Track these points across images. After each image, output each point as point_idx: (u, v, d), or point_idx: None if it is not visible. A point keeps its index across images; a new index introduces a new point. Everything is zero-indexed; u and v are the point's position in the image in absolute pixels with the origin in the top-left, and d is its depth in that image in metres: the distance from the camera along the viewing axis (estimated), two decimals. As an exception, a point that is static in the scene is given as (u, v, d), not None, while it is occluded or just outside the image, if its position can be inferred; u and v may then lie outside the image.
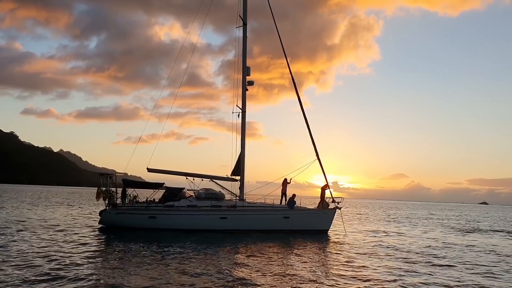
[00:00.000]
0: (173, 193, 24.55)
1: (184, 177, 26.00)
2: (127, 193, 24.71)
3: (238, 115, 26.69)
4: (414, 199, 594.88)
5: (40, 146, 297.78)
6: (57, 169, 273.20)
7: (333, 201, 26.34)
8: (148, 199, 25.14)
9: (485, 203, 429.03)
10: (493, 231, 36.03)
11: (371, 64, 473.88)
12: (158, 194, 25.58)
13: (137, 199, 24.96)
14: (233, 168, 26.69)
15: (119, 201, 24.29)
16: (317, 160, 26.19)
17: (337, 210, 26.36)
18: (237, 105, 26.60)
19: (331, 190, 26.44)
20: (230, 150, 26.62)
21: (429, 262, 16.48)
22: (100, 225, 24.33)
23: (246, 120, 26.96)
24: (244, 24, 27.34)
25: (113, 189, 24.32)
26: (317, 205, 27.30)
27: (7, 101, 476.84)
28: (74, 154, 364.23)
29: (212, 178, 26.54)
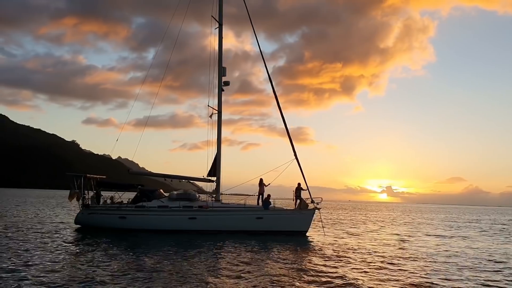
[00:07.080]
0: (145, 194, 25.00)
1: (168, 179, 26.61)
2: (101, 194, 25.49)
3: (211, 116, 26.64)
4: (472, 203, 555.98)
5: (99, 154, 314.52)
6: (115, 176, 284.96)
7: (312, 202, 25.55)
8: (123, 200, 25.70)
9: None
10: None
11: (426, 66, 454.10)
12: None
13: (113, 200, 25.65)
14: (209, 169, 26.72)
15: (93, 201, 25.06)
16: (295, 160, 25.75)
17: (316, 211, 25.54)
18: (208, 105, 26.53)
19: (309, 189, 25.66)
20: (280, 155, 26.75)
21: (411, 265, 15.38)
22: (75, 225, 25.28)
23: (297, 125, 27.73)
24: (220, 25, 27.37)
25: (87, 191, 25.14)
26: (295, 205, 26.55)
27: (71, 112, 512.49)
28: (132, 161, 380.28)
29: (188, 179, 26.78)
